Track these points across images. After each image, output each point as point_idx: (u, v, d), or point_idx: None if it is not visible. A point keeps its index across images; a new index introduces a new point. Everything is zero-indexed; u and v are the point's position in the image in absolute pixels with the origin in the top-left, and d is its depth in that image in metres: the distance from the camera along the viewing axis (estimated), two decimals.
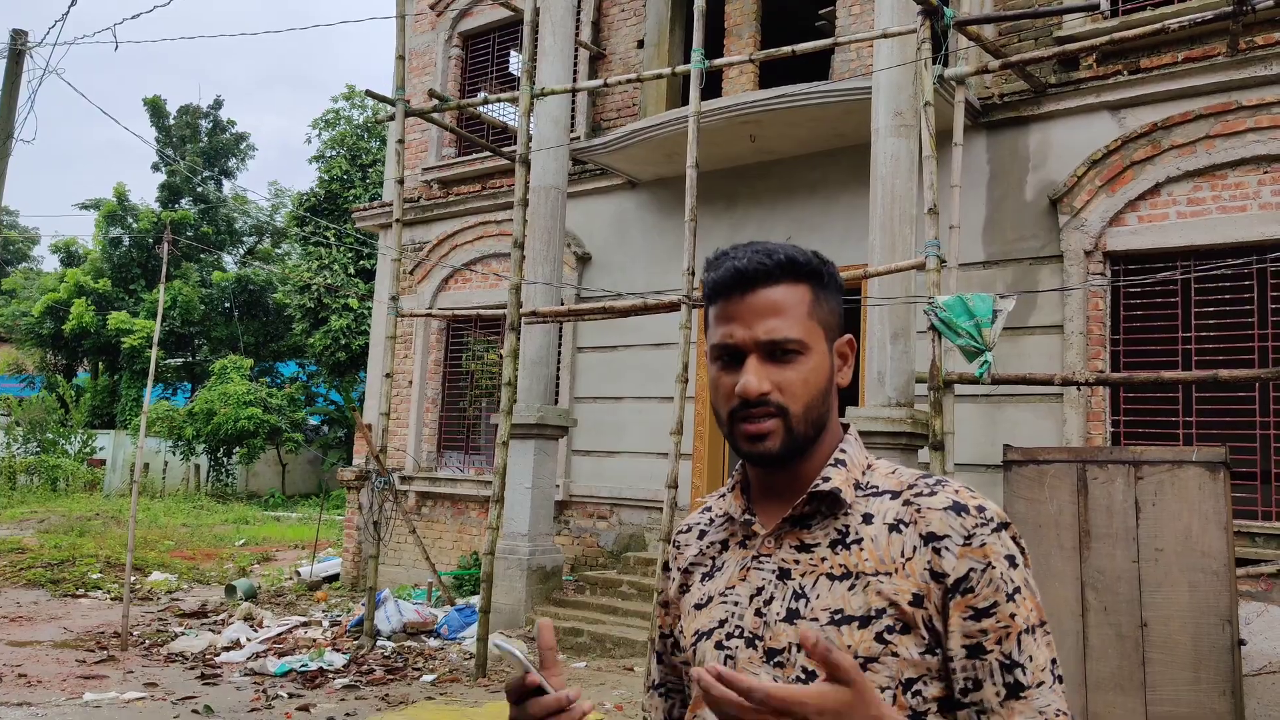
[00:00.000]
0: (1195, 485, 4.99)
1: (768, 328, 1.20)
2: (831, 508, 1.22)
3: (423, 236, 12.45)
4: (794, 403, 1.20)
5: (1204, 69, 7.38)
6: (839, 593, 1.16)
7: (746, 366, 1.19)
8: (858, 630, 1.14)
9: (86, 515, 17.25)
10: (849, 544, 1.19)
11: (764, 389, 1.18)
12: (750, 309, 1.21)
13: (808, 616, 1.16)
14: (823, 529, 1.22)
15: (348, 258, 21.76)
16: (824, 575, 1.18)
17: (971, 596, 1.13)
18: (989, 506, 1.18)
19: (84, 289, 27.44)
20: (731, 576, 1.26)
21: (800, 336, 1.20)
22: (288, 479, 26.60)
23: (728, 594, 1.25)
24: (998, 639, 1.12)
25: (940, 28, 6.62)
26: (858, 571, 1.17)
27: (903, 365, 7.03)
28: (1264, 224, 7.11)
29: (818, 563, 1.19)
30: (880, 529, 1.18)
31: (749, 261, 1.21)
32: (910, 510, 1.18)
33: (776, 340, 1.20)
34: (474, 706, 6.46)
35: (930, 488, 1.20)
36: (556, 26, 9.59)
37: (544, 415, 9.11)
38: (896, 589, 1.14)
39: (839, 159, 9.08)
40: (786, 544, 1.23)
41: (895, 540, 1.17)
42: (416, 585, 10.81)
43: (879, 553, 1.17)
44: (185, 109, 31.63)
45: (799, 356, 1.20)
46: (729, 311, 1.22)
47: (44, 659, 7.75)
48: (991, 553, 1.14)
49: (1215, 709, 4.78)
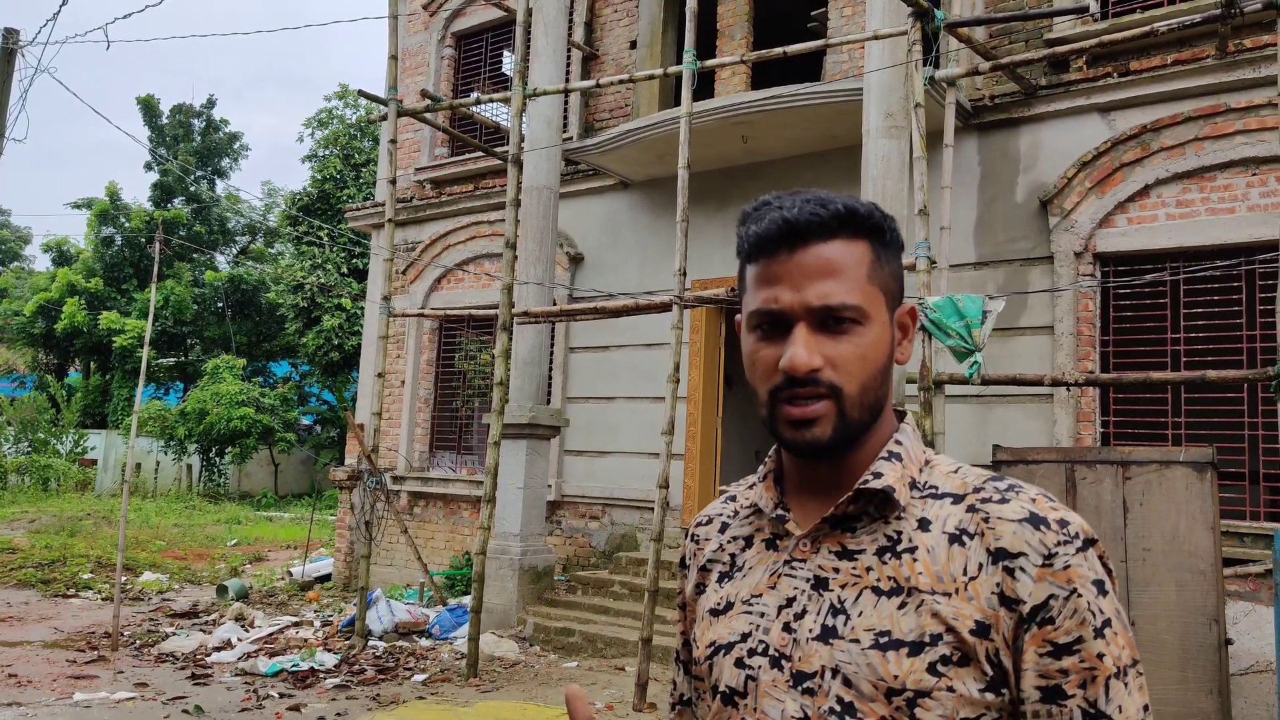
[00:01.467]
0: (1183, 485, 5.02)
1: (821, 291, 1.00)
2: (881, 509, 1.04)
3: (415, 236, 12.45)
4: (849, 382, 1.01)
5: (1193, 71, 7.42)
6: (886, 611, 0.98)
7: (794, 337, 1.00)
8: (907, 658, 0.96)
9: (78, 515, 17.20)
10: (900, 553, 1.01)
11: (815, 364, 0.99)
12: (800, 268, 1.01)
13: (846, 637, 0.99)
14: (869, 533, 1.03)
15: (340, 257, 21.74)
16: (869, 589, 1.01)
17: (1051, 629, 0.94)
18: (1073, 520, 0.98)
19: (76, 288, 27.39)
20: (758, 582, 1.08)
21: (859, 303, 1.01)
22: (280, 479, 26.56)
23: (753, 603, 1.07)
24: (1081, 682, 0.94)
25: (931, 29, 6.64)
26: (910, 587, 0.98)
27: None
28: (1252, 226, 7.15)
29: (862, 573, 1.02)
30: (939, 538, 1.00)
31: (800, 211, 1.02)
32: (976, 519, 1.00)
33: (831, 306, 1.00)
34: (465, 706, 6.47)
35: (1001, 494, 1.01)
36: (549, 27, 9.60)
37: (536, 415, 9.12)
38: (956, 613, 0.96)
39: (831, 160, 9.10)
40: (825, 548, 1.05)
41: (957, 554, 0.99)
42: (408, 585, 10.80)
43: (936, 567, 0.99)
44: (178, 108, 31.58)
45: (856, 327, 1.01)
46: (774, 271, 1.02)
47: (34, 659, 7.73)
48: (1077, 577, 0.95)
49: (1202, 708, 4.81)
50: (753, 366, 1.05)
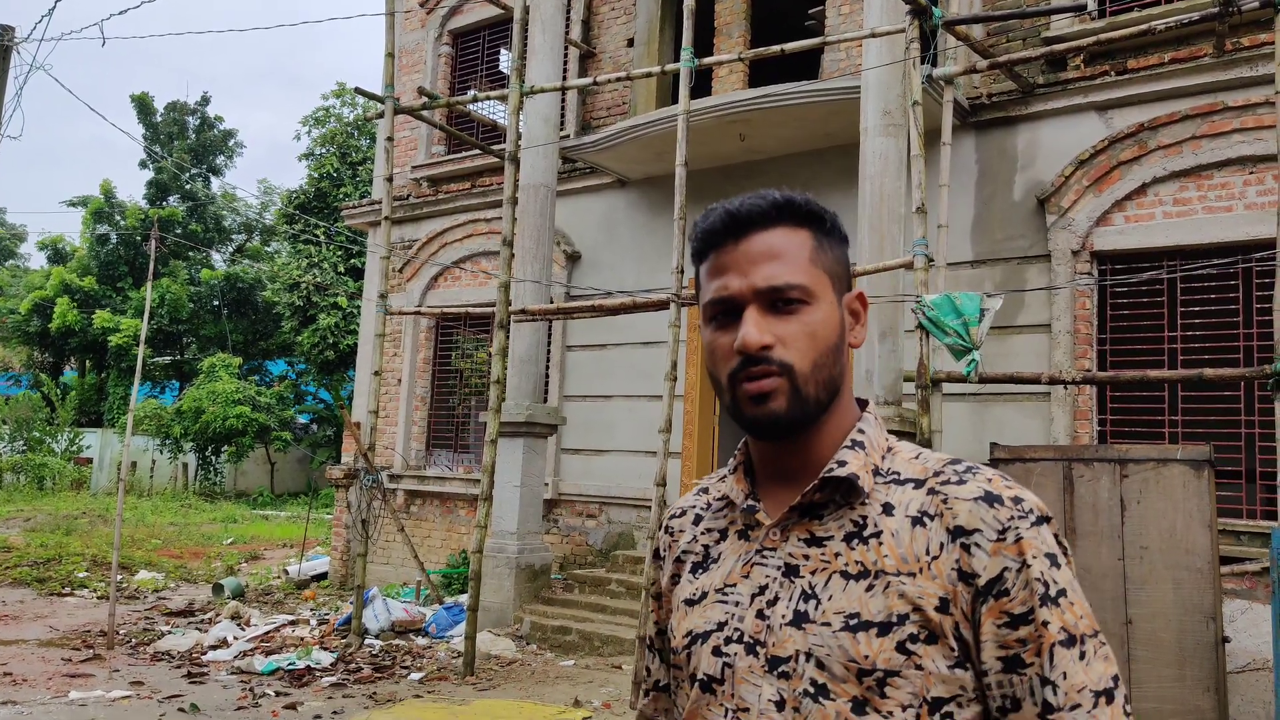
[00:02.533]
0: (1180, 483, 5.02)
1: (766, 274, 1.06)
2: (847, 496, 1.08)
3: (412, 234, 12.43)
4: (800, 358, 1.05)
5: (1190, 70, 7.42)
6: (855, 594, 1.02)
7: (745, 319, 1.05)
8: (876, 638, 0.99)
9: (73, 514, 17.17)
10: (866, 538, 1.04)
11: (766, 340, 1.04)
12: (746, 256, 1.07)
13: (818, 621, 1.02)
14: (836, 520, 1.07)
15: (337, 256, 21.71)
16: (838, 573, 1.04)
17: (1006, 600, 0.98)
18: (1027, 498, 1.02)
19: (70, 287, 27.32)
20: (731, 572, 1.11)
21: (804, 282, 1.06)
22: (276, 477, 26.53)
23: (727, 592, 1.10)
24: (1037, 650, 0.97)
25: (929, 27, 6.64)
26: (877, 570, 1.02)
27: (891, 364, 7.05)
28: (1249, 224, 7.15)
29: (830, 559, 1.05)
30: (902, 522, 1.04)
31: (741, 204, 1.09)
32: (936, 501, 1.04)
33: (777, 286, 1.06)
34: (462, 704, 6.46)
35: (959, 475, 1.05)
36: (546, 25, 9.58)
37: (533, 413, 9.11)
38: (921, 592, 1.00)
39: (828, 158, 9.10)
40: (794, 536, 1.08)
41: (919, 535, 1.02)
42: (405, 584, 10.79)
43: (901, 549, 1.02)
44: (173, 105, 31.51)
45: (803, 306, 1.06)
46: (722, 261, 1.08)
47: (29, 658, 7.71)
48: (1029, 549, 0.99)
49: (1199, 705, 4.81)
50: (712, 355, 1.09)
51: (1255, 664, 5.59)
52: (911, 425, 6.63)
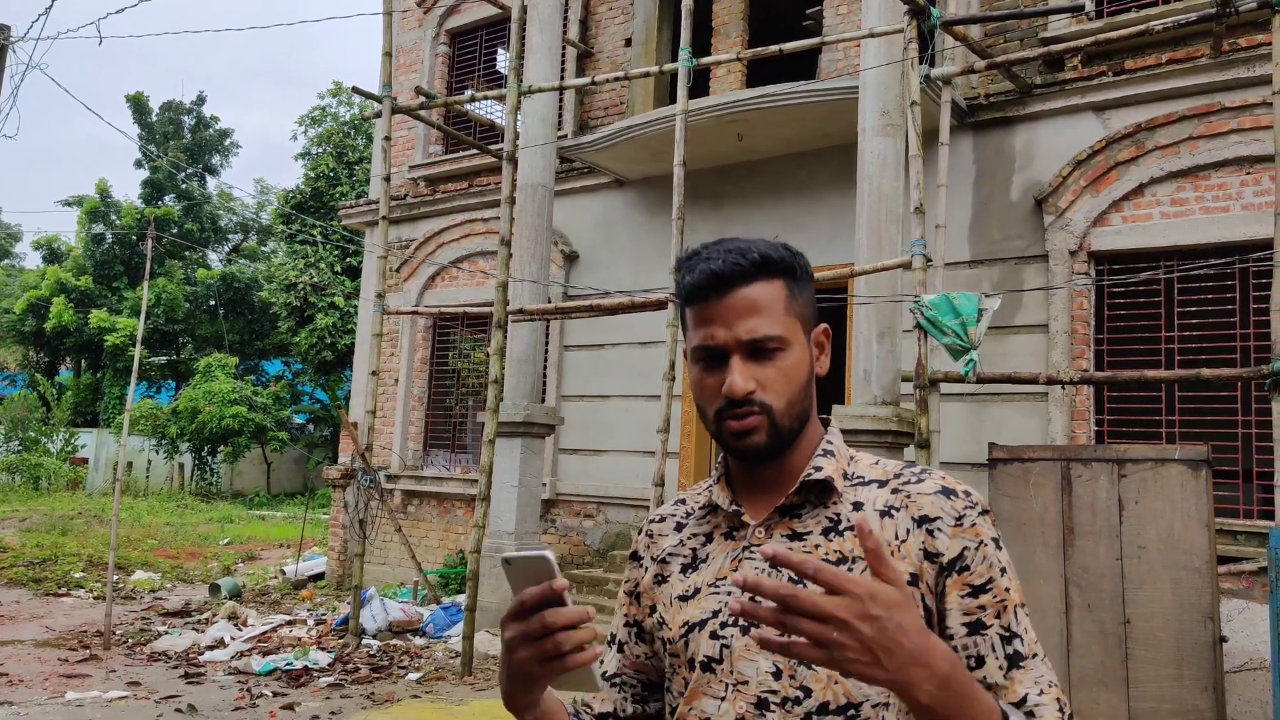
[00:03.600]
0: (1178, 483, 5.03)
1: (748, 327, 1.20)
2: (821, 497, 1.25)
3: (409, 234, 12.41)
4: (777, 399, 1.21)
5: (1187, 70, 7.43)
6: None
7: (731, 366, 1.20)
8: None
9: (69, 514, 17.13)
10: (842, 531, 1.21)
11: (749, 388, 1.19)
12: (729, 310, 1.21)
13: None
14: (814, 518, 1.24)
15: (334, 256, 21.68)
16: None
17: (968, 574, 1.16)
18: (974, 492, 1.22)
19: (66, 286, 27.26)
20: (721, 567, 1.26)
21: (780, 333, 1.21)
22: (273, 478, 26.49)
23: (719, 585, 1.25)
24: (996, 613, 1.15)
25: (927, 28, 6.65)
26: (854, 557, 1.19)
27: (889, 364, 7.05)
28: (1246, 224, 7.16)
29: (811, 550, 1.21)
30: (871, 515, 1.21)
31: (724, 263, 1.22)
32: (900, 497, 1.22)
33: (758, 339, 1.20)
34: (460, 705, 6.45)
35: (917, 475, 1.24)
36: (544, 24, 9.58)
37: (531, 413, 9.10)
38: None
39: (825, 159, 9.10)
40: (777, 534, 1.24)
41: (888, 525, 1.20)
42: (402, 584, 10.78)
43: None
44: (168, 105, 31.47)
45: (780, 353, 1.22)
46: (708, 314, 1.22)
47: (26, 658, 7.69)
48: (982, 533, 1.18)
49: (1197, 705, 4.82)
50: (700, 392, 1.25)
51: (1252, 663, 5.60)
52: (910, 425, 6.63)
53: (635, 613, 1.37)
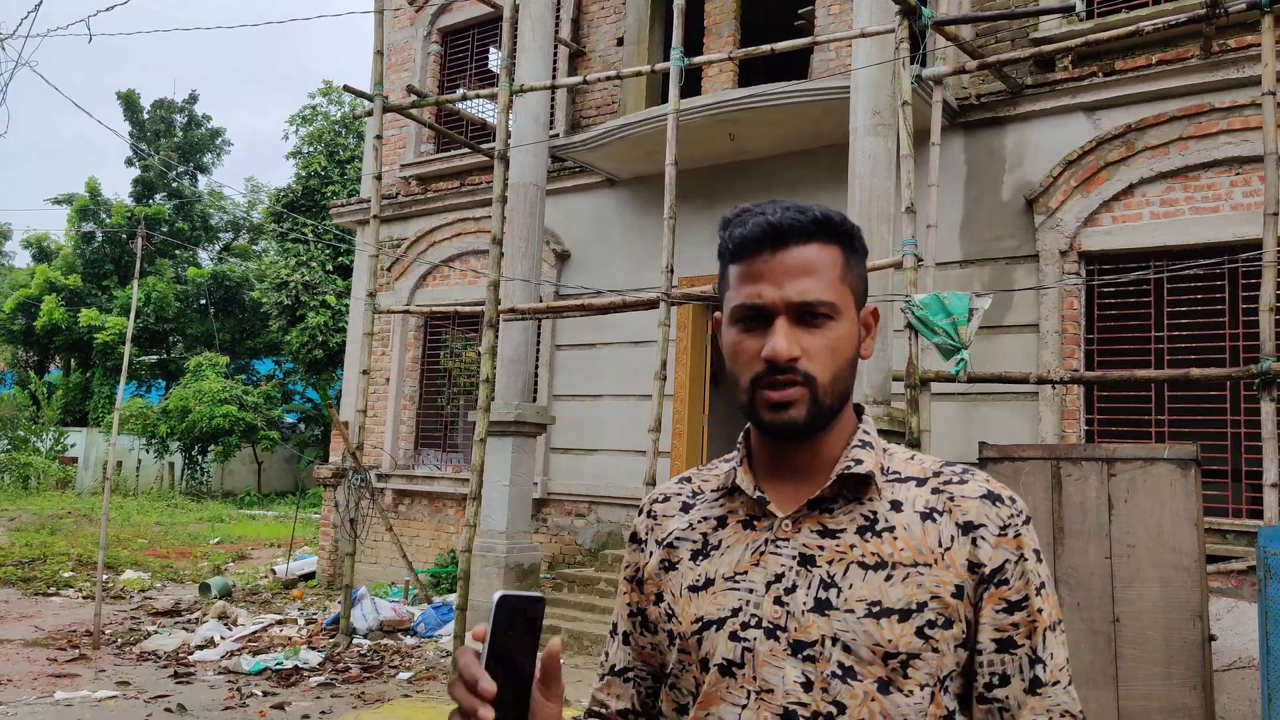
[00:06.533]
0: (1167, 482, 5.04)
1: (800, 288, 1.11)
2: (855, 491, 1.15)
3: (401, 233, 12.39)
4: (822, 371, 1.11)
5: (1177, 71, 7.46)
6: (875, 583, 1.09)
7: (775, 329, 1.10)
8: (898, 624, 1.07)
9: (58, 513, 17.06)
10: (880, 532, 1.12)
11: (794, 353, 1.10)
12: (782, 267, 1.11)
13: (841, 608, 1.09)
14: (847, 514, 1.14)
15: (325, 255, 21.63)
16: (855, 564, 1.11)
17: (1006, 589, 1.10)
18: (1018, 498, 1.15)
19: (55, 285, 27.14)
20: (739, 560, 1.15)
21: (833, 299, 1.12)
22: (263, 477, 26.41)
23: (738, 580, 1.14)
24: (1027, 633, 1.10)
25: (918, 28, 6.65)
26: (894, 562, 1.10)
27: (879, 363, 7.06)
28: (1235, 225, 7.19)
29: (846, 550, 1.12)
30: (912, 517, 1.12)
31: (782, 216, 1.12)
32: (942, 499, 1.13)
33: (809, 302, 1.11)
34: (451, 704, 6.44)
35: (959, 475, 1.16)
36: (536, 23, 9.56)
37: (522, 412, 9.09)
38: (938, 581, 1.09)
39: (817, 158, 9.11)
40: (806, 528, 1.14)
41: (931, 529, 1.12)
42: (393, 583, 10.76)
43: (915, 542, 1.11)
44: (159, 103, 31.38)
45: (829, 322, 1.12)
46: (757, 269, 1.12)
47: (14, 657, 7.65)
48: (1024, 545, 1.11)
49: (1186, 703, 4.84)
50: (735, 356, 1.14)
51: (1241, 662, 5.62)
52: (900, 425, 6.64)
53: (638, 600, 1.26)
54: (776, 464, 1.19)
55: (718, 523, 1.20)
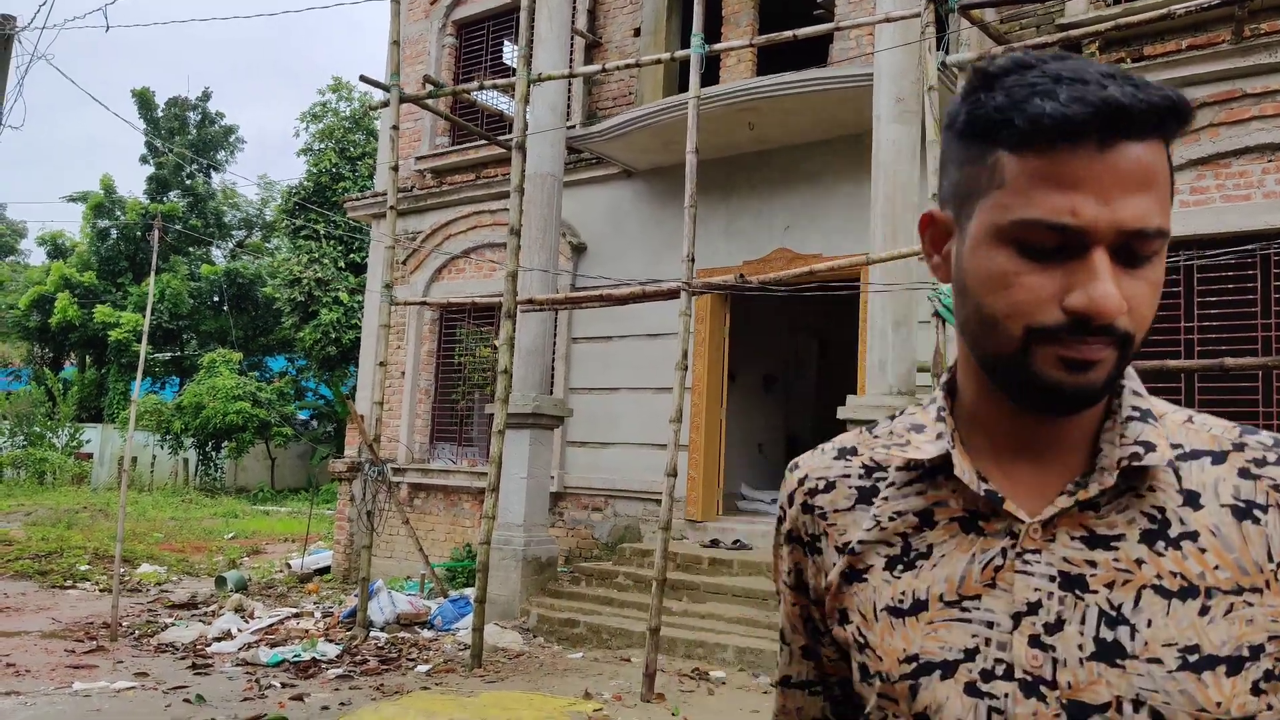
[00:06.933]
0: None
1: (1136, 210, 0.74)
2: (1128, 479, 0.81)
3: (415, 226, 12.34)
4: (1140, 329, 0.77)
5: (1208, 56, 7.34)
6: (1186, 619, 0.77)
7: (1096, 267, 0.74)
8: (1226, 678, 0.75)
9: (74, 508, 17.09)
10: (1175, 539, 0.79)
11: (1124, 308, 0.75)
12: (1113, 174, 0.74)
13: (1141, 656, 0.76)
14: (1121, 512, 0.80)
15: (337, 251, 21.62)
16: (1149, 588, 0.78)
17: None
18: None
19: (70, 282, 27.23)
20: (963, 577, 0.83)
21: (1168, 228, 0.77)
22: (276, 473, 26.44)
23: (967, 607, 0.82)
24: None
25: (944, 11, 6.56)
26: (1208, 586, 0.77)
27: (904, 353, 6.97)
28: (1267, 212, 7.07)
29: (1132, 567, 0.78)
30: (1220, 516, 0.79)
31: (1123, 92, 0.73)
32: (1262, 486, 0.80)
33: (1147, 231, 0.75)
34: (470, 696, 6.37)
35: (1271, 447, 0.82)
36: (553, 13, 9.49)
37: (540, 405, 9.03)
38: (1275, 613, 0.77)
39: (837, 148, 9.01)
40: (1065, 534, 0.80)
41: (1252, 534, 0.78)
42: (409, 577, 10.71)
43: (1232, 555, 0.78)
44: (173, 101, 31.43)
45: (1156, 259, 0.77)
46: (1074, 171, 0.74)
47: (32, 649, 7.63)
48: None
49: None
50: (1009, 292, 0.77)
51: None
52: None
53: (813, 611, 0.96)
54: (1013, 440, 0.84)
55: (919, 520, 0.87)
